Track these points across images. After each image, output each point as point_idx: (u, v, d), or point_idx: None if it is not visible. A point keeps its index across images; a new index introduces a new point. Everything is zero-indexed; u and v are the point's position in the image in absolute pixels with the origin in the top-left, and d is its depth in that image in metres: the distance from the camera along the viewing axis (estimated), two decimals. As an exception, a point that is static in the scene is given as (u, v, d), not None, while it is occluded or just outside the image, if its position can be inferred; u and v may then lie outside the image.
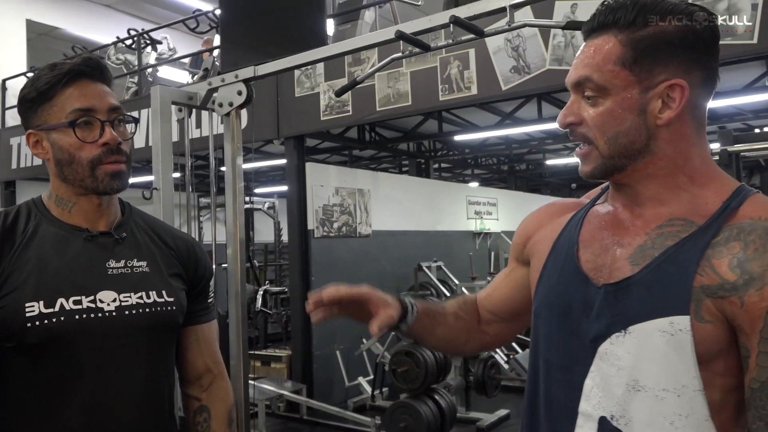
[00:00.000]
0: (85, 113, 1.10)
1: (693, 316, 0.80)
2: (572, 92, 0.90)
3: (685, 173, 0.87)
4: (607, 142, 0.86)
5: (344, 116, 4.67)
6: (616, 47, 0.85)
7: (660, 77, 0.84)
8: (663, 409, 0.82)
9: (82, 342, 1.05)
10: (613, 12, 0.86)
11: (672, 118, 0.85)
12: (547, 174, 11.71)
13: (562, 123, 0.90)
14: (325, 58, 2.16)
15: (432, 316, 1.11)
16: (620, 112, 0.85)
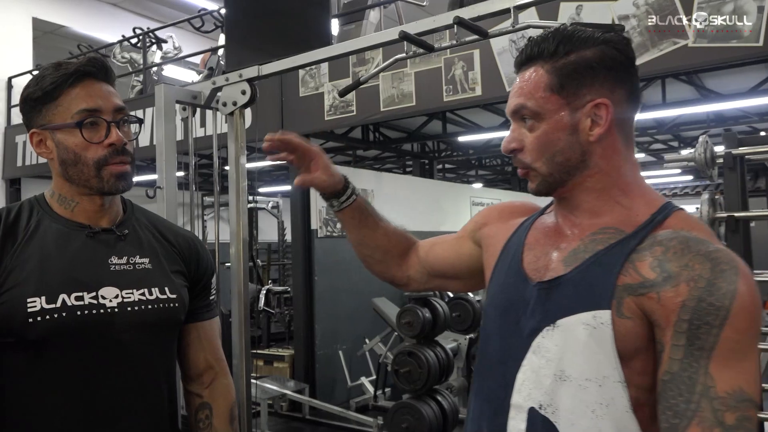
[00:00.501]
0: (92, 114, 1.10)
1: (614, 312, 0.87)
2: (512, 120, 0.98)
3: (619, 186, 0.95)
4: (545, 162, 0.95)
5: (348, 116, 4.67)
6: (544, 76, 0.94)
7: (586, 98, 0.93)
8: (585, 398, 0.87)
9: (83, 338, 1.05)
10: (537, 45, 0.95)
11: (602, 134, 0.93)
12: (552, 175, 11.69)
13: (506, 149, 0.98)
14: (330, 58, 2.16)
15: (365, 215, 1.26)
16: (554, 134, 0.94)
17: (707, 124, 6.31)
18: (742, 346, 0.81)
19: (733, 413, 0.79)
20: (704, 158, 1.93)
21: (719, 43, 3.24)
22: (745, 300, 0.81)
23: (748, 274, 0.83)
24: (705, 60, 3.36)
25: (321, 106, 4.77)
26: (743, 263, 0.84)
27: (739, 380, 0.80)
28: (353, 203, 1.26)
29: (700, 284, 0.82)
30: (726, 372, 0.80)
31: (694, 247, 0.86)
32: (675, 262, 0.85)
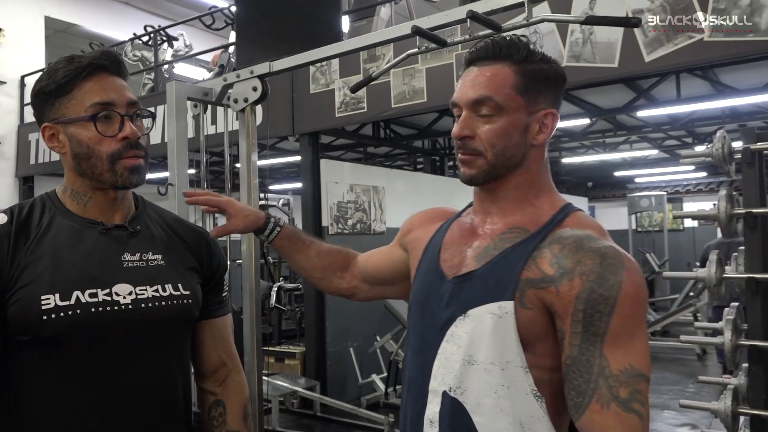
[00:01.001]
0: (105, 107, 1.09)
1: (517, 303, 0.96)
2: (466, 109, 1.04)
3: (536, 187, 1.06)
4: (495, 154, 1.02)
5: (359, 113, 4.66)
6: (512, 75, 1.02)
7: (541, 105, 1.03)
8: (490, 380, 0.97)
9: (97, 335, 1.04)
10: (507, 47, 1.03)
11: (543, 140, 1.05)
12: (563, 172, 11.62)
13: (458, 135, 1.05)
14: (341, 54, 2.15)
15: (294, 241, 1.38)
16: (510, 130, 1.02)
17: (722, 119, 6.25)
18: (630, 329, 0.91)
19: (626, 388, 0.89)
20: (722, 154, 1.90)
21: (735, 38, 3.20)
22: (629, 289, 0.91)
23: (632, 266, 0.94)
24: (721, 54, 3.31)
25: (332, 102, 4.76)
26: (629, 257, 0.95)
27: (629, 358, 0.90)
28: (280, 234, 1.37)
29: (591, 277, 0.93)
30: (617, 352, 0.90)
31: (585, 245, 0.96)
32: (570, 259, 0.95)
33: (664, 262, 9.57)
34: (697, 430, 4.51)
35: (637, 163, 10.69)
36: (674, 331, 7.77)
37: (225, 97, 2.23)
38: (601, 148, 8.83)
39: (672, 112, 6.03)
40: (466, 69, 1.08)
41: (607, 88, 4.93)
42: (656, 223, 11.60)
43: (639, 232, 11.59)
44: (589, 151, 8.98)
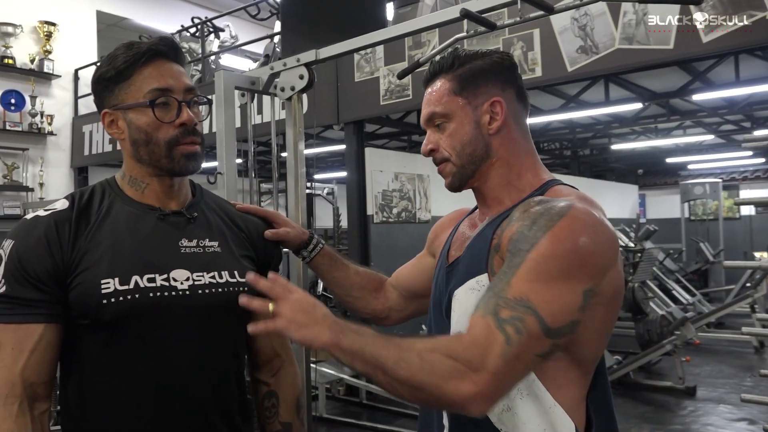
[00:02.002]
0: (163, 93, 1.10)
1: (488, 272, 1.01)
2: (427, 128, 1.15)
3: (515, 171, 1.10)
4: (457, 155, 1.10)
5: (404, 101, 4.62)
6: (446, 83, 1.12)
7: (483, 97, 1.10)
8: None
9: (155, 320, 1.06)
10: (438, 63, 1.15)
11: (500, 126, 1.10)
12: (613, 159, 11.32)
13: (425, 152, 1.15)
14: (387, 40, 2.12)
15: (334, 259, 1.40)
16: (462, 128, 1.10)
17: (783, 102, 5.97)
18: (544, 270, 0.89)
19: (510, 311, 0.88)
20: (789, 137, 1.80)
21: (801, 15, 3.03)
22: (558, 233, 0.90)
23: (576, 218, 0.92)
24: (785, 33, 3.14)
25: (376, 90, 4.74)
26: (584, 213, 0.93)
27: (530, 293, 0.89)
28: (321, 251, 1.39)
29: (526, 222, 0.95)
30: (522, 285, 0.89)
31: (541, 202, 0.98)
32: (518, 212, 1.00)
33: (719, 252, 9.24)
34: (755, 426, 4.35)
35: (690, 149, 10.33)
36: (729, 323, 7.51)
37: (272, 86, 2.24)
38: (653, 134, 8.55)
39: (729, 95, 5.78)
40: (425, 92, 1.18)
41: (660, 71, 4.75)
42: (710, 212, 11.21)
43: (692, 220, 11.22)
44: (640, 137, 8.71)
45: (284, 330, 0.96)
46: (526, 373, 0.91)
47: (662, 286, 7.39)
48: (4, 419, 0.99)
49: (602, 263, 0.92)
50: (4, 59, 6.84)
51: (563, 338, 0.89)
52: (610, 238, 0.94)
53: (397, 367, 0.90)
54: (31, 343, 1.02)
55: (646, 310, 5.81)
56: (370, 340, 0.94)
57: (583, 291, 0.90)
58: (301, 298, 0.99)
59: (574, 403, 0.98)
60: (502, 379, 0.87)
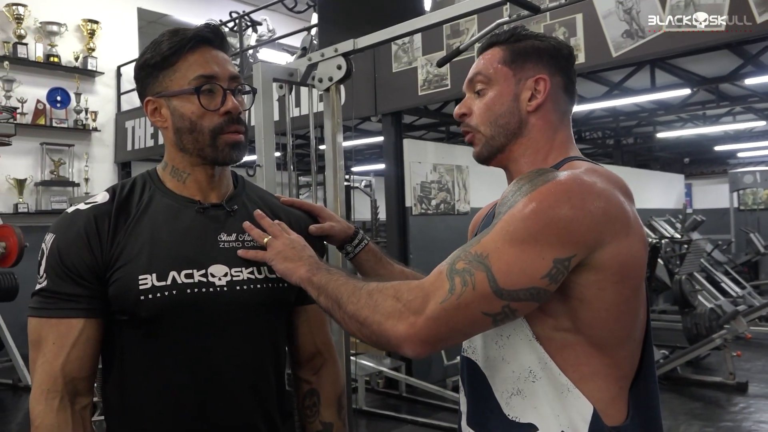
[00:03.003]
0: (209, 80, 1.07)
1: None
2: (466, 90, 1.12)
3: (542, 153, 1.06)
4: (489, 125, 1.06)
5: (443, 90, 4.55)
6: (499, 52, 1.09)
7: (530, 72, 1.07)
8: (490, 332, 0.98)
9: (192, 317, 1.04)
10: (495, 35, 1.12)
11: (539, 104, 1.06)
12: (658, 148, 11.02)
13: (457, 114, 1.11)
14: (426, 27, 2.07)
15: (378, 256, 1.33)
16: (500, 98, 1.06)
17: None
18: (512, 230, 0.86)
19: (464, 264, 0.87)
20: None
21: None
22: (535, 196, 0.87)
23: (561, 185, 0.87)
24: None
25: (414, 81, 4.68)
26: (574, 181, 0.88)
27: (491, 251, 0.87)
28: (366, 247, 1.33)
29: (514, 188, 0.93)
30: (488, 243, 0.88)
31: (537, 172, 0.95)
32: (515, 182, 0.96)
33: (772, 243, 8.91)
34: (812, 424, 4.17)
35: (740, 137, 9.97)
36: (783, 317, 7.23)
37: (310, 77, 2.21)
38: (701, 121, 8.28)
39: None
40: None
41: (709, 55, 4.57)
42: (761, 201, 10.81)
43: (741, 210, 10.85)
44: (687, 124, 8.44)
45: (270, 260, 1.08)
46: (470, 327, 0.89)
47: (710, 279, 7.15)
48: (45, 414, 0.99)
49: (587, 233, 0.86)
50: (50, 57, 7.02)
51: (520, 303, 0.86)
52: (607, 210, 0.88)
53: (348, 302, 0.95)
54: (72, 338, 1.01)
55: (693, 303, 5.63)
56: (336, 277, 1.01)
57: (554, 259, 0.85)
58: (294, 239, 1.12)
59: (608, 396, 0.92)
60: (438, 326, 0.87)
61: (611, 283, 0.89)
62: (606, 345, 0.93)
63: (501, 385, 0.98)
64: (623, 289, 0.91)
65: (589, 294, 0.89)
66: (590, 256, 0.87)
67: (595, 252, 0.87)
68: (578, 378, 0.92)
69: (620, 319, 0.93)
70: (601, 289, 0.89)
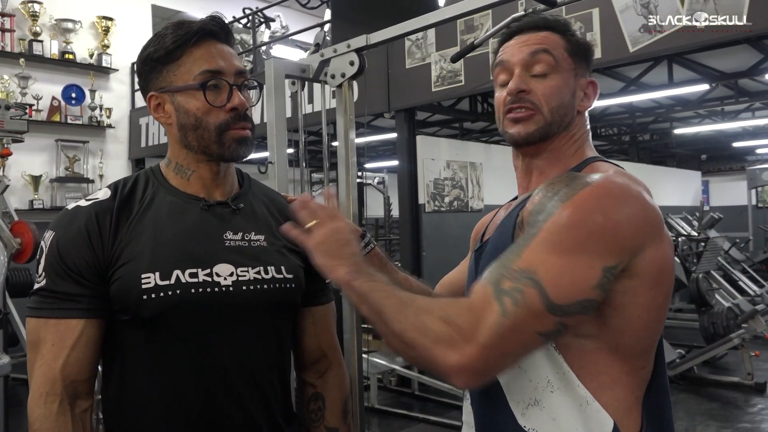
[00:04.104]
0: (215, 75, 1.04)
1: None
2: (519, 67, 1.03)
3: (572, 150, 1.04)
4: (551, 110, 1.01)
5: (456, 87, 4.51)
6: (560, 40, 1.04)
7: (583, 71, 1.06)
8: None
9: (196, 317, 1.01)
10: (552, 20, 1.06)
11: (587, 108, 1.07)
12: (674, 145, 10.88)
13: (515, 89, 1.02)
14: (440, 22, 2.04)
15: (384, 263, 1.28)
16: (564, 88, 1.03)
17: None
18: (558, 240, 0.82)
19: (512, 282, 0.81)
20: None
21: None
22: (577, 202, 0.84)
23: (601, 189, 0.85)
24: None
25: (428, 77, 4.64)
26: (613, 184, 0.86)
27: (538, 264, 0.81)
28: (372, 251, 1.28)
29: (549, 194, 0.90)
30: (532, 256, 0.83)
31: (570, 176, 0.92)
32: (543, 185, 0.94)
33: (790, 241, 8.77)
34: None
35: (759, 133, 9.81)
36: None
37: (322, 74, 2.19)
38: (719, 117, 8.15)
39: None
40: (509, 41, 1.07)
41: (728, 50, 4.49)
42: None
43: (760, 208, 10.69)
44: (705, 120, 8.32)
45: (310, 249, 1.00)
46: (523, 351, 0.85)
47: (728, 277, 7.05)
48: (45, 417, 0.97)
49: (631, 239, 0.83)
50: (64, 54, 7.06)
51: (572, 318, 0.82)
52: (646, 214, 0.86)
53: (394, 319, 0.87)
54: (72, 339, 0.99)
55: (711, 302, 5.56)
56: (379, 287, 0.92)
57: (603, 268, 0.81)
58: (340, 228, 1.01)
59: (624, 405, 0.89)
60: (493, 354, 0.81)
61: (647, 289, 0.86)
62: (629, 352, 0.90)
63: (517, 395, 0.93)
64: (658, 294, 0.88)
65: (624, 300, 0.85)
66: (631, 261, 0.84)
67: (636, 257, 0.84)
68: (597, 387, 0.88)
69: (649, 326, 0.90)
70: (636, 295, 0.86)
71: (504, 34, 1.09)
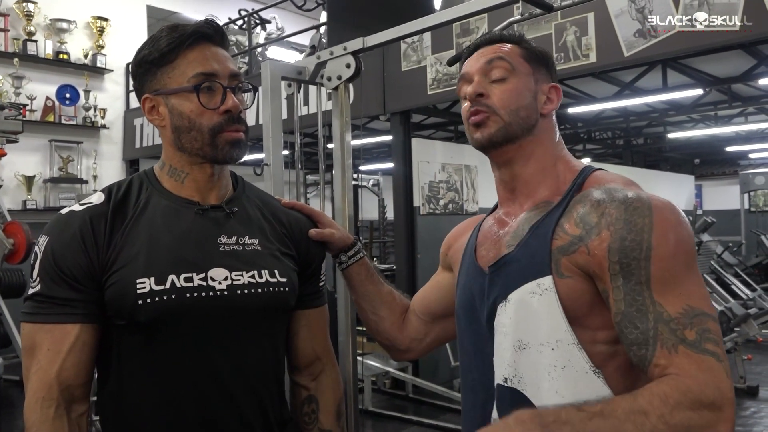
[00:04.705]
0: (208, 78, 1.04)
1: (555, 275, 0.93)
2: (478, 75, 1.07)
3: (552, 156, 1.07)
4: (509, 112, 1.04)
5: (452, 90, 4.52)
6: (517, 49, 1.08)
7: (544, 77, 1.09)
8: (542, 361, 0.92)
9: (192, 321, 1.01)
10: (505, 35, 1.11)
11: (550, 111, 1.08)
12: (668, 149, 10.94)
13: (473, 93, 1.05)
14: (437, 26, 2.04)
15: (371, 272, 1.30)
16: (522, 91, 1.05)
17: None
18: (676, 272, 0.85)
19: (692, 329, 0.82)
20: None
21: None
22: (663, 229, 0.86)
23: (662, 206, 0.89)
24: None
25: (424, 80, 4.65)
26: (659, 198, 0.91)
27: (685, 299, 0.84)
28: (360, 260, 1.30)
29: (619, 225, 0.89)
30: (670, 296, 0.84)
31: (608, 197, 0.93)
32: (593, 214, 0.93)
33: (782, 245, 8.82)
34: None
35: (752, 137, 9.88)
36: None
37: (318, 76, 2.19)
38: (712, 122, 8.20)
39: None
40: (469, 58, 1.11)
41: (722, 55, 4.52)
42: (773, 203, 10.71)
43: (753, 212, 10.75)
44: (698, 125, 8.36)
45: None
46: None
47: (720, 281, 7.07)
48: (41, 422, 0.96)
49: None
50: (59, 54, 7.04)
51: None
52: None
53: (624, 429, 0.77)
54: (68, 344, 0.98)
55: (704, 306, 5.57)
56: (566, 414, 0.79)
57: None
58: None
59: None
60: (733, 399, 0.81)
61: None
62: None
63: None
64: None
65: None
66: None
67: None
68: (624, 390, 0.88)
69: None
70: None
71: (468, 50, 1.14)
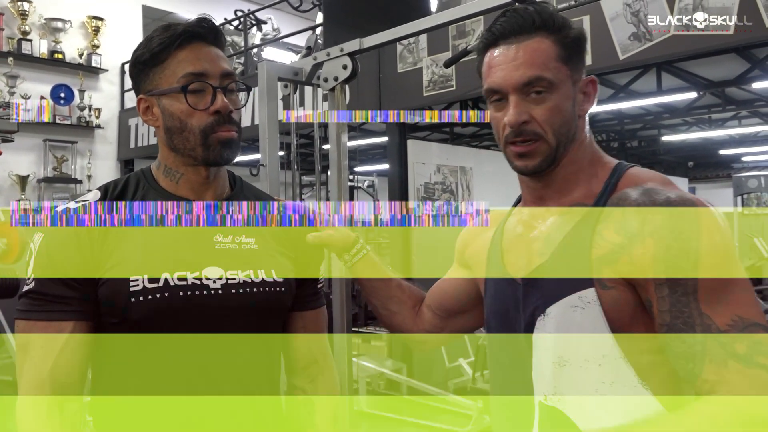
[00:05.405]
0: (198, 78, 1.03)
1: (598, 287, 0.88)
2: (514, 94, 0.95)
3: (586, 156, 0.99)
4: (554, 133, 0.95)
5: (448, 92, 4.53)
6: (553, 46, 0.95)
7: (581, 72, 0.98)
8: (587, 378, 0.88)
9: (185, 320, 1.01)
10: (541, 18, 0.95)
11: (588, 109, 0.99)
12: (662, 151, 10.97)
13: (518, 121, 0.94)
14: (433, 28, 2.05)
15: (377, 267, 1.27)
16: (563, 104, 0.95)
17: None
18: (724, 279, 0.82)
19: (742, 342, 0.78)
20: None
21: None
22: (711, 235, 0.83)
23: (707, 211, 0.85)
24: None
25: (419, 81, 4.66)
26: (701, 201, 0.87)
27: (735, 310, 0.80)
28: (365, 256, 1.27)
29: (664, 233, 0.84)
30: (718, 306, 0.80)
31: (648, 200, 0.88)
32: (635, 220, 0.87)
33: (775, 248, 8.87)
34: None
35: (745, 141, 9.93)
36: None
37: (315, 77, 2.20)
38: (706, 125, 8.24)
39: (790, 84, 5.50)
40: (496, 47, 0.98)
41: (716, 59, 4.54)
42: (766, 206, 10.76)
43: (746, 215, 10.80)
44: (692, 128, 8.40)
45: None
46: None
47: (714, 283, 7.11)
48: (34, 420, 0.95)
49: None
50: (54, 54, 7.01)
51: None
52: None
53: None
54: (61, 341, 0.98)
55: (697, 308, 5.60)
56: None
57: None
58: None
59: None
60: None
61: None
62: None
63: None
64: None
65: None
66: None
67: None
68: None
69: None
70: None
71: (493, 33, 0.98)
